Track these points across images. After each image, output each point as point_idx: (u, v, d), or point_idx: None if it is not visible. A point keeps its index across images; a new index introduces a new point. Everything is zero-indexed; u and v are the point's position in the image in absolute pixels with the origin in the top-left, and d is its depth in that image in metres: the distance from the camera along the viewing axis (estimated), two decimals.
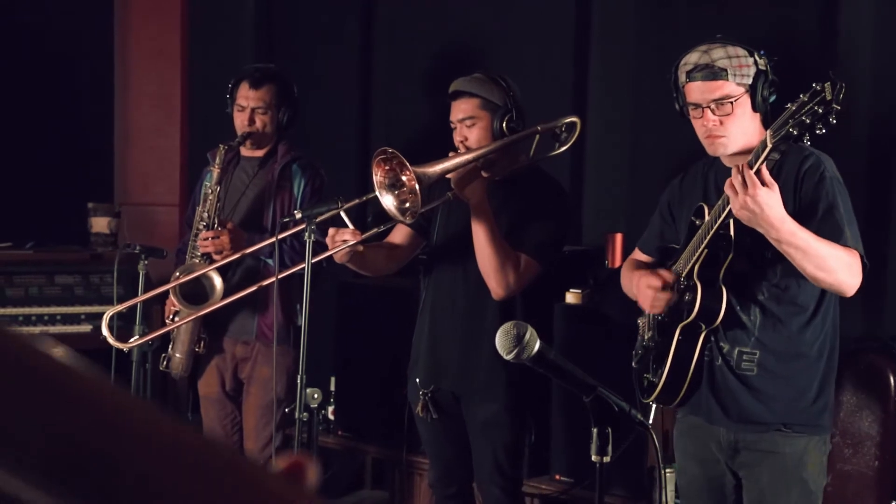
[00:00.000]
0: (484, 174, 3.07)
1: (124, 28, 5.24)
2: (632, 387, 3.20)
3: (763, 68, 2.59)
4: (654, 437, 2.15)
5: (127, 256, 3.90)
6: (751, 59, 2.59)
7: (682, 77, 2.65)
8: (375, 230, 3.09)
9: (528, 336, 1.85)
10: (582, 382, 1.88)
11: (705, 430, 2.72)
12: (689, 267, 2.64)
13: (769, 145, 2.40)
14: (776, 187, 2.42)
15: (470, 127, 3.12)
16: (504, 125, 3.08)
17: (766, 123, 2.61)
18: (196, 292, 3.58)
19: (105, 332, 3.06)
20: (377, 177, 2.94)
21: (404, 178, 2.94)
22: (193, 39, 5.16)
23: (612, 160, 4.08)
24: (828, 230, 2.51)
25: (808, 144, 2.49)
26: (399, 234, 3.34)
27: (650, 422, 2.75)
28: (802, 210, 2.54)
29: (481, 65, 4.07)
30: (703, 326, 2.63)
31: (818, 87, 2.34)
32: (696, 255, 2.61)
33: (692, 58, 2.63)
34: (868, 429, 3.20)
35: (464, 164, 3.01)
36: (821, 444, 2.68)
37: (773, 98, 2.61)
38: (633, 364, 2.87)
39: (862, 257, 2.55)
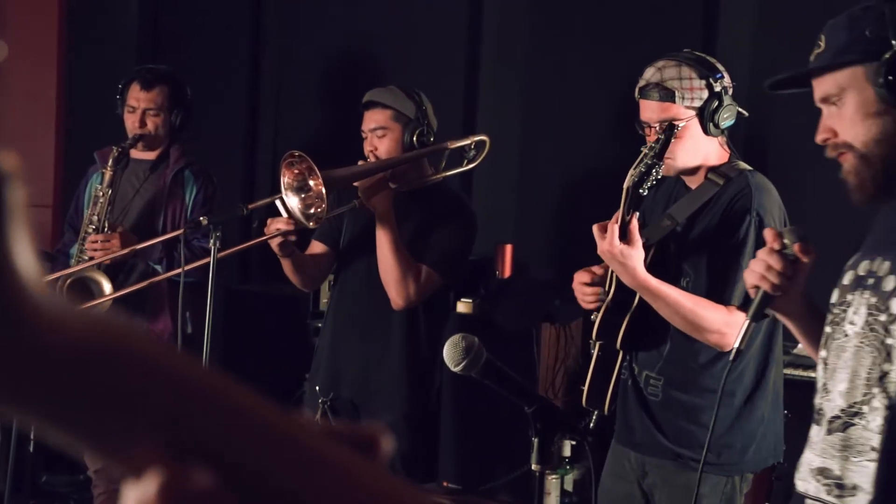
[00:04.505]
0: (391, 185, 3.09)
1: None
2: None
3: (718, 90, 2.49)
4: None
5: None
6: (703, 82, 2.50)
7: (636, 92, 2.56)
8: (307, 224, 3.02)
9: (475, 348, 1.86)
10: (525, 392, 1.91)
11: (620, 447, 2.70)
12: (607, 287, 2.58)
13: (627, 188, 2.40)
14: (638, 245, 2.38)
15: (381, 137, 3.13)
16: (415, 138, 3.11)
17: (728, 144, 2.59)
18: (83, 296, 3.48)
19: None
20: (285, 179, 2.93)
21: (312, 182, 2.94)
22: (72, 38, 5.01)
23: (501, 172, 4.16)
24: (716, 284, 2.47)
25: (751, 170, 2.51)
26: (315, 250, 3.31)
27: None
28: (719, 245, 2.51)
29: (372, 73, 4.09)
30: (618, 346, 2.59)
31: (652, 143, 2.40)
32: (610, 275, 2.55)
33: (647, 73, 2.54)
34: None
35: (373, 172, 3.03)
36: (720, 484, 2.53)
37: (728, 123, 2.53)
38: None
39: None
